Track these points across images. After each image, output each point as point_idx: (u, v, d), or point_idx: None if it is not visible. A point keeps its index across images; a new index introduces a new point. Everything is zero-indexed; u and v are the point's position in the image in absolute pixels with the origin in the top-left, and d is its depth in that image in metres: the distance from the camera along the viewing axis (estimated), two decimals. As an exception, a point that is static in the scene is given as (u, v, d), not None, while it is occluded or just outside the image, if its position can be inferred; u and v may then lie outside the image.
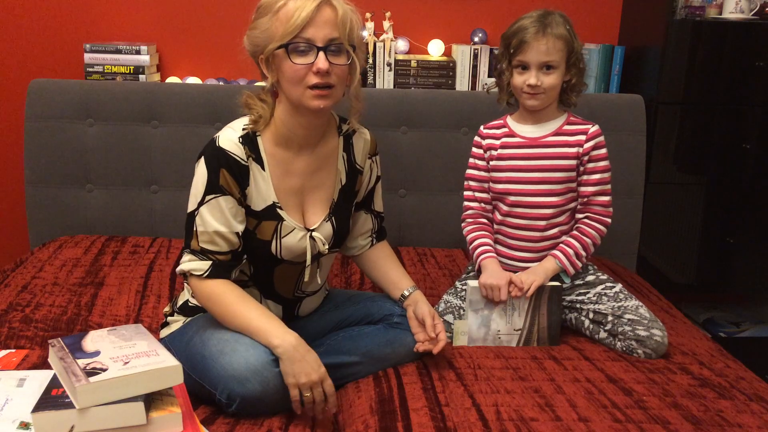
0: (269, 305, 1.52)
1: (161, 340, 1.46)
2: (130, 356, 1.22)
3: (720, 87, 2.36)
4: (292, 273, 1.50)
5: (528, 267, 1.64)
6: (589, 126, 1.64)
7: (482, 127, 1.73)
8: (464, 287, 1.64)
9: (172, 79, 2.54)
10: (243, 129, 1.42)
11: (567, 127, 1.65)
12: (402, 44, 2.58)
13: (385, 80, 2.50)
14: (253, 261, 1.47)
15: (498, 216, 1.69)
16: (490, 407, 1.31)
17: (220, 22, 2.57)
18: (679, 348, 1.60)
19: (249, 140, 1.40)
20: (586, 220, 1.65)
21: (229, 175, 1.37)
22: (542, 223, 1.64)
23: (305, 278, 1.49)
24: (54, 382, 1.21)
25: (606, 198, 1.65)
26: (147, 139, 2.26)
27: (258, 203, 1.42)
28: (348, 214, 1.57)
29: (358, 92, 1.45)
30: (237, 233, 1.39)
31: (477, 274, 1.66)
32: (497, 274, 1.60)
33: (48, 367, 1.35)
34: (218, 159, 1.37)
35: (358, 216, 1.63)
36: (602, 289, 1.64)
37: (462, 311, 1.63)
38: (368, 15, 2.50)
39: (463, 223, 1.75)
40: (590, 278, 1.67)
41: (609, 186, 1.66)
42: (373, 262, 1.65)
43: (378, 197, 1.66)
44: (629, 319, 1.56)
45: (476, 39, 2.56)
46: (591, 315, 1.63)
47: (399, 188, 2.32)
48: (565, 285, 1.64)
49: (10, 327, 1.64)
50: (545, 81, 1.57)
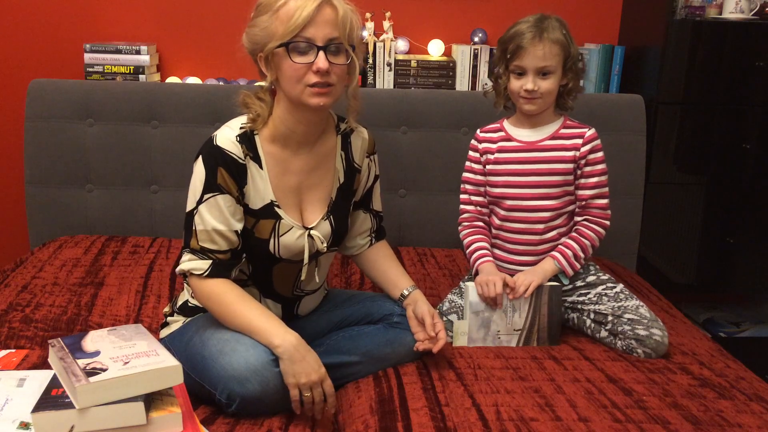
0: (268, 304, 1.52)
1: (161, 341, 1.46)
2: (130, 356, 1.22)
3: (720, 87, 2.36)
4: (291, 272, 1.50)
5: None
6: (586, 129, 1.64)
7: (478, 131, 1.73)
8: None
9: (172, 79, 2.54)
10: (240, 128, 1.42)
11: (564, 131, 1.65)
12: (402, 44, 2.58)
13: (385, 80, 2.50)
14: (252, 260, 1.48)
15: (496, 221, 1.69)
16: (490, 407, 1.31)
17: (220, 22, 2.57)
18: (679, 348, 1.60)
19: (246, 139, 1.41)
20: (585, 223, 1.65)
21: (227, 174, 1.37)
22: (541, 227, 1.64)
23: (303, 277, 1.49)
24: (54, 382, 1.21)
25: (604, 201, 1.65)
26: (147, 139, 2.26)
27: (256, 202, 1.43)
28: (346, 213, 1.57)
29: (356, 91, 1.46)
30: (236, 231, 1.40)
31: (474, 278, 1.66)
32: (493, 273, 1.61)
33: (48, 367, 1.35)
34: (216, 158, 1.37)
35: (357, 215, 1.64)
36: (603, 290, 1.64)
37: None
38: (368, 15, 2.50)
39: (460, 227, 1.75)
40: (591, 279, 1.67)
41: (607, 189, 1.66)
42: (373, 262, 1.65)
43: (376, 196, 1.66)
44: (629, 319, 1.56)
45: (476, 39, 2.56)
46: (592, 315, 1.63)
47: (399, 188, 2.32)
48: (564, 286, 1.64)
49: (10, 327, 1.64)
50: (542, 86, 1.57)
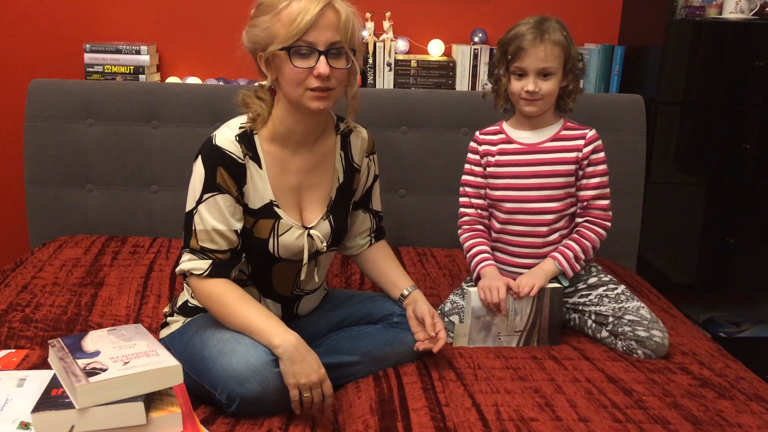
0: (268, 304, 1.52)
1: (161, 341, 1.45)
2: (130, 356, 1.22)
3: (720, 87, 2.36)
4: (290, 271, 1.50)
5: None
6: (587, 131, 1.64)
7: (478, 133, 1.73)
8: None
9: (172, 79, 2.54)
10: (240, 127, 1.42)
11: (565, 132, 1.65)
12: (402, 44, 2.58)
13: (385, 80, 2.50)
14: (251, 259, 1.48)
15: (496, 224, 1.68)
16: (490, 407, 1.31)
17: (220, 22, 2.57)
18: (679, 348, 1.60)
19: (246, 138, 1.41)
20: (586, 224, 1.65)
21: (227, 174, 1.37)
22: (544, 229, 1.64)
23: (302, 276, 1.49)
24: (54, 382, 1.21)
25: (605, 202, 1.65)
26: (147, 139, 2.26)
27: (255, 201, 1.43)
28: (346, 213, 1.57)
29: (356, 92, 1.46)
30: (236, 231, 1.40)
31: (476, 283, 1.66)
32: (496, 278, 1.60)
33: (48, 367, 1.35)
34: (215, 157, 1.37)
35: (356, 215, 1.64)
36: (604, 291, 1.64)
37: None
38: (368, 15, 2.50)
39: (460, 230, 1.74)
40: (593, 280, 1.67)
41: (608, 190, 1.66)
42: (372, 262, 1.65)
43: (376, 196, 1.66)
44: (630, 320, 1.56)
45: (476, 39, 2.56)
46: (593, 316, 1.63)
47: (399, 188, 2.32)
48: (564, 287, 1.64)
49: (10, 327, 1.64)
50: (543, 87, 1.57)
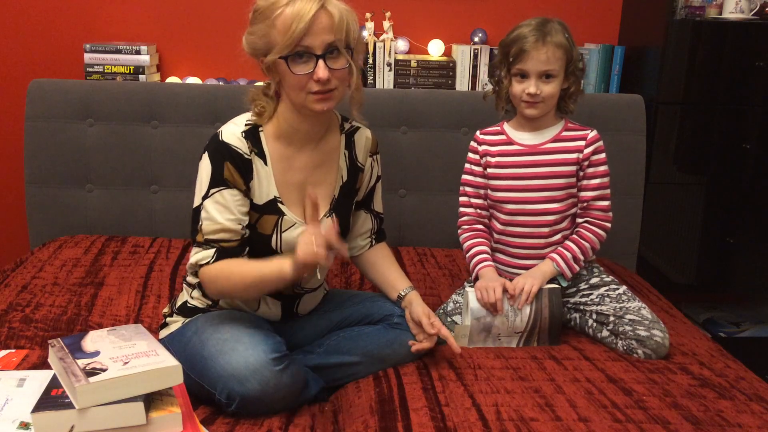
0: (268, 301, 1.53)
1: (160, 341, 1.46)
2: (130, 356, 1.22)
3: (720, 87, 2.36)
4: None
5: None
6: (588, 131, 1.64)
7: (478, 133, 1.72)
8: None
9: (172, 79, 2.54)
10: (246, 124, 1.44)
11: (566, 134, 1.65)
12: (402, 44, 2.58)
13: (385, 80, 2.50)
14: (253, 255, 1.48)
15: (498, 225, 1.68)
16: (490, 407, 1.31)
17: (220, 22, 2.57)
18: (679, 348, 1.60)
19: (251, 135, 1.43)
20: (586, 225, 1.65)
21: (234, 168, 1.39)
22: (546, 230, 1.64)
23: (318, 276, 1.49)
24: (54, 382, 1.21)
25: (605, 203, 1.65)
26: (147, 139, 2.26)
27: (260, 197, 1.44)
28: (348, 211, 1.57)
29: (359, 85, 1.47)
30: (242, 224, 1.41)
31: (475, 283, 1.66)
32: (493, 279, 1.61)
33: (48, 367, 1.35)
34: (222, 153, 1.39)
35: (358, 215, 1.64)
36: (606, 291, 1.64)
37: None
38: (368, 15, 2.49)
39: (459, 230, 1.74)
40: (595, 280, 1.67)
41: (608, 191, 1.66)
42: (372, 264, 1.65)
43: (378, 197, 1.66)
44: (630, 320, 1.56)
45: (476, 39, 2.56)
46: (594, 316, 1.63)
47: (399, 188, 2.32)
48: (563, 287, 1.64)
49: (10, 327, 1.64)
50: (544, 89, 1.57)
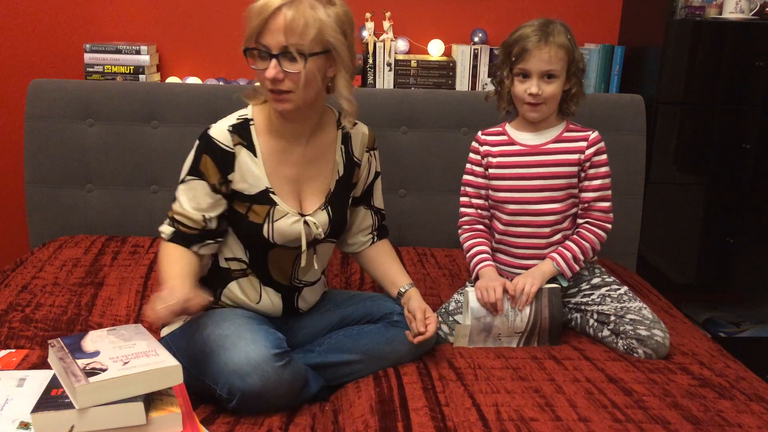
0: (269, 293, 1.54)
1: (161, 340, 1.46)
2: (130, 356, 1.22)
3: (720, 87, 2.36)
4: (287, 258, 1.51)
5: None
6: (590, 132, 1.64)
7: (480, 133, 1.73)
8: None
9: (172, 79, 2.54)
10: (237, 119, 1.47)
11: (567, 134, 1.65)
12: (402, 44, 2.58)
13: (385, 80, 2.50)
14: (247, 246, 1.50)
15: (499, 225, 1.69)
16: (490, 407, 1.31)
17: (220, 22, 2.57)
18: (679, 348, 1.60)
19: (241, 128, 1.46)
20: (587, 225, 1.65)
21: (211, 161, 1.42)
22: (547, 230, 1.64)
23: (302, 263, 1.50)
24: (54, 382, 1.21)
25: (606, 204, 1.65)
26: (147, 139, 2.26)
27: (249, 188, 1.46)
28: (345, 205, 1.58)
29: (348, 95, 1.43)
30: (204, 216, 1.44)
31: (475, 283, 1.66)
32: (493, 279, 1.61)
33: (48, 367, 1.35)
34: (204, 145, 1.44)
35: (358, 211, 1.64)
36: (607, 291, 1.64)
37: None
38: (368, 15, 2.49)
39: (460, 230, 1.74)
40: (596, 280, 1.67)
41: (609, 192, 1.66)
42: (373, 261, 1.66)
43: (378, 193, 1.67)
44: (631, 319, 1.56)
45: (476, 39, 2.56)
46: (595, 315, 1.63)
47: (399, 188, 2.32)
48: (563, 287, 1.64)
49: (10, 327, 1.64)
50: (546, 90, 1.57)
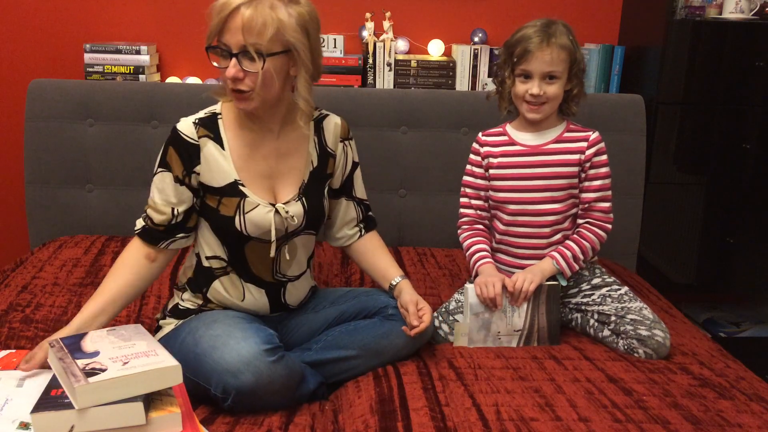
0: (251, 290, 1.53)
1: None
2: (130, 356, 1.22)
3: (720, 87, 2.36)
4: (265, 252, 1.50)
5: None
6: (590, 133, 1.65)
7: (480, 134, 1.73)
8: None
9: (172, 79, 2.54)
10: (205, 113, 1.49)
11: (568, 135, 1.65)
12: (402, 44, 2.58)
13: (385, 80, 2.50)
14: (223, 241, 1.50)
15: (500, 226, 1.69)
16: (490, 407, 1.31)
17: (220, 22, 2.57)
18: (680, 348, 1.60)
19: (208, 121, 1.47)
20: (587, 225, 1.65)
21: (175, 154, 1.44)
22: (547, 230, 1.64)
23: (272, 253, 1.49)
24: (54, 383, 1.21)
25: (606, 204, 1.66)
26: (147, 139, 2.26)
27: (217, 180, 1.46)
28: (320, 195, 1.57)
29: (306, 95, 1.43)
30: (174, 210, 1.46)
31: (474, 280, 1.66)
32: (493, 275, 1.61)
33: (48, 367, 1.35)
34: (171, 138, 1.46)
35: (339, 203, 1.64)
36: (607, 291, 1.64)
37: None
38: (368, 15, 2.50)
39: (459, 230, 1.75)
40: (597, 281, 1.67)
41: (610, 192, 1.66)
42: (363, 254, 1.66)
43: (358, 184, 1.67)
44: (632, 319, 1.56)
45: (476, 39, 2.56)
46: (596, 315, 1.63)
47: (399, 188, 2.32)
48: (562, 286, 1.64)
49: (11, 327, 1.64)
50: (548, 90, 1.57)
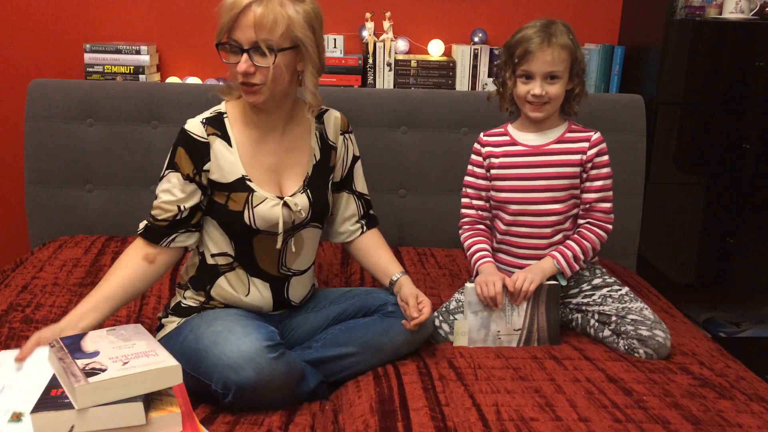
0: (257, 284, 1.54)
1: (158, 342, 1.46)
2: (130, 356, 1.22)
3: (720, 87, 2.36)
4: (272, 245, 1.52)
5: None
6: (592, 133, 1.65)
7: (482, 134, 1.73)
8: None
9: (172, 79, 2.54)
10: (211, 113, 1.53)
11: (569, 135, 1.65)
12: (402, 44, 2.58)
13: (385, 80, 2.50)
14: (231, 236, 1.51)
15: (501, 226, 1.69)
16: (491, 407, 1.31)
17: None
18: (680, 348, 1.60)
19: (214, 120, 1.51)
20: (588, 225, 1.65)
21: (185, 154, 1.47)
22: (548, 231, 1.65)
23: (278, 245, 1.50)
24: (54, 383, 1.21)
25: (607, 205, 1.66)
26: (147, 139, 2.26)
27: (226, 176, 1.49)
28: (324, 188, 1.60)
29: (314, 89, 1.49)
30: (179, 206, 1.47)
31: (474, 279, 1.66)
32: (493, 274, 1.61)
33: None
34: (180, 139, 1.49)
35: (340, 197, 1.67)
36: (608, 291, 1.64)
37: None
38: (368, 15, 2.50)
39: (460, 230, 1.75)
40: (597, 281, 1.67)
41: (611, 193, 1.66)
42: (364, 251, 1.68)
43: (359, 177, 1.69)
44: (632, 320, 1.56)
45: (476, 39, 2.56)
46: (596, 316, 1.63)
47: (399, 188, 2.32)
48: (563, 286, 1.64)
49: (11, 327, 1.64)
50: (549, 90, 1.57)
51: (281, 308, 1.59)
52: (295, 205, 1.50)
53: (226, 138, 1.50)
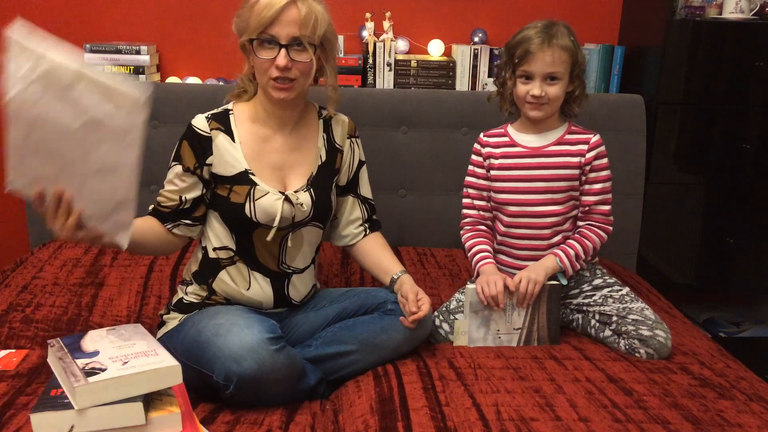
0: (257, 279, 1.56)
1: (158, 340, 1.46)
2: (129, 356, 1.22)
3: (720, 87, 2.36)
4: (273, 240, 1.53)
5: None
6: (591, 136, 1.65)
7: (482, 135, 1.73)
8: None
9: (172, 79, 2.54)
10: (219, 109, 1.57)
11: (569, 137, 1.65)
12: (402, 44, 2.58)
13: (385, 80, 2.50)
14: (232, 228, 1.54)
15: (501, 227, 1.69)
16: (491, 407, 1.31)
17: (220, 22, 2.57)
18: (680, 348, 1.60)
19: (219, 116, 1.55)
20: (589, 226, 1.66)
21: (188, 147, 1.52)
22: (547, 232, 1.65)
23: (268, 237, 1.51)
24: (54, 383, 1.21)
25: (607, 207, 1.66)
26: (147, 139, 2.25)
27: (228, 169, 1.52)
28: (328, 189, 1.61)
29: (335, 83, 1.56)
30: (181, 197, 1.52)
31: (476, 279, 1.66)
32: (494, 274, 1.61)
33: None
34: (185, 133, 1.54)
35: (345, 201, 1.68)
36: (609, 292, 1.64)
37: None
38: (368, 15, 2.49)
39: (462, 231, 1.75)
40: (598, 281, 1.67)
41: (610, 196, 1.67)
42: (367, 252, 1.69)
43: (364, 182, 1.71)
44: (633, 320, 1.56)
45: (476, 39, 2.56)
46: (597, 316, 1.63)
47: (399, 188, 2.32)
48: (564, 285, 1.64)
49: (11, 327, 1.64)
50: (549, 91, 1.57)
51: (282, 306, 1.60)
52: (297, 200, 1.52)
53: (230, 133, 1.54)
